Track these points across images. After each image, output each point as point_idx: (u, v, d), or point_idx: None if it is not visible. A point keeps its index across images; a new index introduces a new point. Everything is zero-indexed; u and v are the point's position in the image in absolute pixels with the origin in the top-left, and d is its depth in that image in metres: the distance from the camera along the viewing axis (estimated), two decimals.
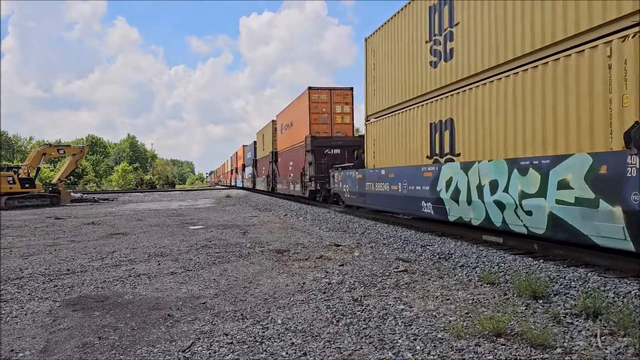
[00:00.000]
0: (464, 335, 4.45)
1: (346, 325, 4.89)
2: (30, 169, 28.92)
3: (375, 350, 4.20)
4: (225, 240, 11.21)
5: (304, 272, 7.47)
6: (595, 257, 7.26)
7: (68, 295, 6.44)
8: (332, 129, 22.81)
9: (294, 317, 5.18)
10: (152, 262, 8.66)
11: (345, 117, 23.08)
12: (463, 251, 8.72)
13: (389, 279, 6.84)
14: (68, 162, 31.83)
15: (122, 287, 6.79)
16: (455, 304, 5.56)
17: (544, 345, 4.16)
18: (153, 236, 12.41)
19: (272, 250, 9.63)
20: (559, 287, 6.06)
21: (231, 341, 4.51)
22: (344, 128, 23.07)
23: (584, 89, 6.78)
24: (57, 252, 10.12)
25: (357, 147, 20.42)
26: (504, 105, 8.51)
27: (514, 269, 7.13)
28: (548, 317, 4.97)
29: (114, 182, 76.68)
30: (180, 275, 7.50)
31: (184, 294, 6.31)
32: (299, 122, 24.11)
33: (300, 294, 6.15)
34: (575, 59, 6.93)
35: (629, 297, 5.46)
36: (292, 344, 4.40)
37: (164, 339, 4.62)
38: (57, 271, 8.01)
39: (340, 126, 22.96)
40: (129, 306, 5.81)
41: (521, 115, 8.07)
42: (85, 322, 5.23)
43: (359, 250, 9.35)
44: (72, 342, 4.61)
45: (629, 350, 4.04)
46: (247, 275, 7.39)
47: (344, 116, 23.07)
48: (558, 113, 7.24)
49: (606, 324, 4.68)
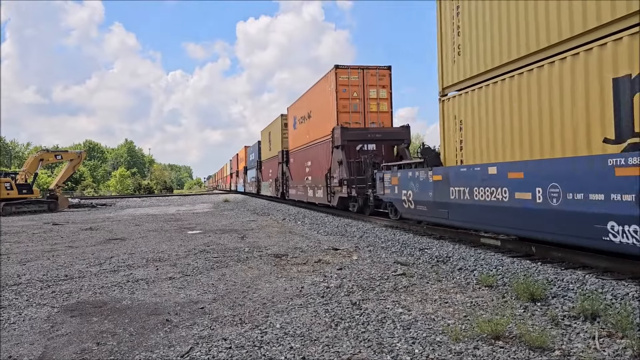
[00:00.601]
0: (463, 338, 4.45)
1: (345, 329, 4.89)
2: (27, 175, 28.86)
3: (374, 354, 4.20)
4: (224, 245, 11.20)
5: (302, 276, 7.46)
6: (593, 259, 7.27)
7: (66, 301, 6.42)
8: (365, 119, 18.01)
9: (292, 322, 5.18)
10: (151, 267, 8.64)
11: (382, 103, 18.27)
12: (461, 254, 8.73)
13: (387, 283, 6.84)
14: (66, 168, 31.79)
15: (121, 293, 6.78)
16: (453, 307, 5.56)
17: (543, 347, 4.16)
18: (151, 241, 12.39)
19: (271, 254, 9.63)
20: (557, 289, 6.07)
21: (230, 346, 4.50)
22: (381, 118, 18.19)
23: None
24: (55, 257, 10.10)
25: (399, 142, 17.31)
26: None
27: (512, 271, 7.14)
28: (546, 320, 4.98)
29: (112, 188, 76.50)
30: (179, 280, 7.48)
31: (183, 299, 6.30)
32: (321, 112, 19.76)
33: (299, 298, 6.14)
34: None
35: (627, 299, 5.47)
36: (290, 348, 4.40)
37: (162, 344, 4.61)
38: (55, 277, 7.99)
39: (375, 115, 18.14)
40: (128, 311, 5.79)
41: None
42: (84, 327, 5.22)
43: (357, 254, 9.35)
44: (70, 348, 4.60)
45: (627, 352, 4.04)
46: (245, 279, 7.38)
47: (381, 103, 18.23)
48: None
49: (604, 326, 4.68)
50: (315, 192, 20.90)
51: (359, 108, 17.96)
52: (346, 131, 16.96)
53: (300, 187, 24.06)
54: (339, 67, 17.91)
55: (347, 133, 16.93)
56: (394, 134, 17.50)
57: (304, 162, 23.02)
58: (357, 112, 17.96)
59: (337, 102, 17.75)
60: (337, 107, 17.74)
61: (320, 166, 19.89)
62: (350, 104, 17.89)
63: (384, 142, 17.32)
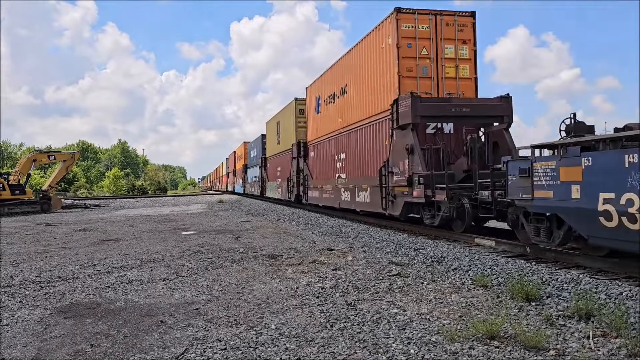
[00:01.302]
0: (458, 338, 4.46)
1: (340, 329, 4.89)
2: (20, 176, 28.69)
3: (370, 355, 4.19)
4: (218, 246, 11.17)
5: (297, 277, 7.45)
6: (587, 260, 7.31)
7: (59, 302, 6.38)
8: (438, 89, 12.65)
9: (287, 322, 5.17)
10: (145, 268, 8.60)
11: (463, 66, 12.89)
12: (456, 254, 8.74)
13: (382, 283, 6.84)
14: (59, 169, 31.65)
15: (114, 294, 6.74)
16: (448, 307, 5.57)
17: (538, 347, 4.18)
18: (145, 242, 12.33)
19: (265, 255, 9.61)
20: (551, 289, 6.09)
21: (225, 347, 4.48)
22: (462, 87, 12.81)
23: None
24: (48, 259, 10.03)
25: (494, 120, 11.91)
26: None
27: (507, 271, 7.16)
28: (541, 320, 4.99)
29: (106, 188, 76.11)
30: (173, 281, 7.45)
31: (177, 300, 6.27)
32: (370, 80, 14.30)
33: (294, 299, 6.13)
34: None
35: (621, 298, 5.50)
36: (286, 349, 4.39)
37: (157, 346, 4.59)
38: (48, 278, 7.93)
39: (452, 83, 12.77)
40: (122, 313, 5.76)
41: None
42: (77, 329, 5.18)
43: (352, 255, 9.35)
44: (63, 350, 4.56)
45: (622, 352, 4.06)
46: (240, 280, 7.36)
47: (461, 65, 12.86)
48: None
49: (599, 325, 4.71)
50: (356, 195, 15.40)
51: (429, 72, 12.57)
52: (419, 102, 11.36)
53: (328, 188, 18.67)
54: (402, 10, 12.48)
55: (421, 106, 11.35)
56: (488, 109, 12.04)
57: (333, 154, 18.03)
58: (427, 78, 12.55)
59: (398, 62, 12.33)
60: (398, 70, 12.29)
61: (365, 158, 14.83)
62: (418, 67, 12.44)
63: (472, 120, 11.99)
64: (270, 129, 30.70)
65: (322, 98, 19.54)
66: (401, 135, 11.99)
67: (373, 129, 14.19)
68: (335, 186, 17.82)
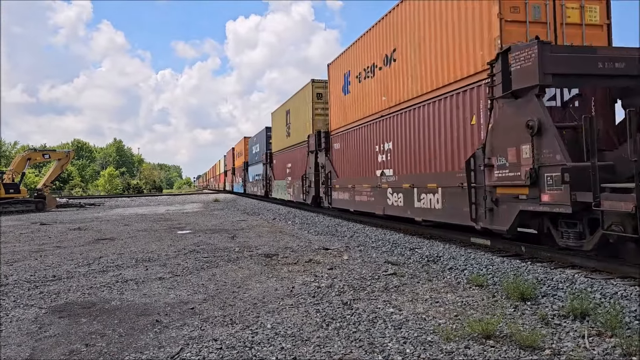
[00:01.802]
0: (454, 337, 4.46)
1: (336, 329, 4.88)
2: (14, 174, 28.55)
3: (366, 354, 4.19)
4: (214, 245, 11.15)
5: (293, 276, 7.45)
6: (582, 259, 7.33)
7: (54, 302, 6.35)
8: (555, 39, 8.83)
9: (283, 322, 5.16)
10: (140, 267, 8.57)
11: (591, 6, 9.07)
12: (451, 254, 8.76)
13: (378, 283, 6.85)
14: (53, 167, 31.48)
15: (110, 293, 6.71)
16: (444, 307, 5.58)
17: (533, 346, 4.19)
18: (140, 241, 12.29)
19: (261, 254, 9.59)
20: (546, 288, 6.11)
21: (220, 346, 4.47)
22: (588, 37, 8.97)
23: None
24: (42, 258, 9.98)
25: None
26: None
27: (502, 271, 7.18)
28: (536, 319, 5.00)
29: (101, 187, 75.87)
30: (168, 280, 7.43)
31: (173, 300, 6.25)
32: (442, 31, 10.26)
33: (290, 298, 6.12)
34: None
35: (616, 298, 5.52)
36: (281, 348, 4.38)
37: (152, 345, 4.57)
38: (42, 277, 7.89)
39: (574, 31, 8.96)
40: (117, 312, 5.74)
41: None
42: (72, 329, 5.16)
43: (347, 254, 9.35)
44: (58, 350, 4.54)
45: (617, 351, 4.08)
46: (235, 279, 7.35)
47: (589, 5, 9.06)
48: None
49: (594, 324, 4.72)
50: (415, 199, 11.42)
51: (542, 16, 8.88)
52: (550, 52, 7.47)
53: (363, 188, 14.80)
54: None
55: (553, 57, 7.48)
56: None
57: (372, 145, 14.28)
58: (539, 24, 8.84)
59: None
60: (499, 10, 8.51)
61: (430, 147, 10.90)
62: (528, 6, 8.74)
63: (626, 82, 8.00)
64: (277, 120, 26.71)
65: (352, 74, 15.75)
66: (513, 107, 8.02)
67: (446, 105, 10.23)
68: (375, 186, 13.77)
